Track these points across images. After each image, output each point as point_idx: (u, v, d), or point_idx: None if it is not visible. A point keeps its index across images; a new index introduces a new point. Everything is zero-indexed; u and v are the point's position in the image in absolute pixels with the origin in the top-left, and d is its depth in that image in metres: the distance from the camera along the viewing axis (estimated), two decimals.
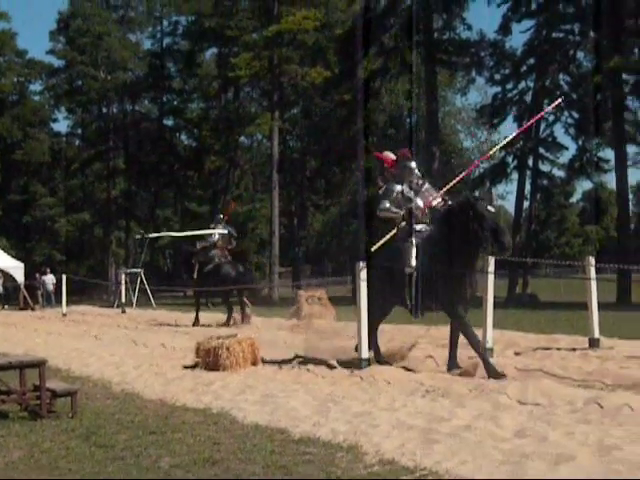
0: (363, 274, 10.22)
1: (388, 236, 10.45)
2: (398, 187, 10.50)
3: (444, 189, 10.70)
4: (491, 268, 10.69)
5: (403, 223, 10.28)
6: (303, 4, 44.46)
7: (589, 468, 5.16)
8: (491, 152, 18.32)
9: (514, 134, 18.03)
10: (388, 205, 10.41)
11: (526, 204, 42.31)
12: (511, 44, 77.49)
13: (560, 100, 26.02)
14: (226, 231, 21.30)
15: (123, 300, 30.21)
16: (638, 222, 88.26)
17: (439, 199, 10.44)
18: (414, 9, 36.97)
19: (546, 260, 62.10)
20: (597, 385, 8.48)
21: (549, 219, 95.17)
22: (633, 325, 16.56)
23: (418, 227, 10.19)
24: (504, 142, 17.43)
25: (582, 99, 39.34)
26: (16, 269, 36.09)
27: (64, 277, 30.73)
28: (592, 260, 11.43)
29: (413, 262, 9.80)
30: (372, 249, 10.46)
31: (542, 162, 42.11)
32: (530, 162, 40.71)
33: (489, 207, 9.20)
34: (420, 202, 10.41)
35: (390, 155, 11.08)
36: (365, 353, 10.14)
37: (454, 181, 10.99)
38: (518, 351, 11.41)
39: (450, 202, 10.20)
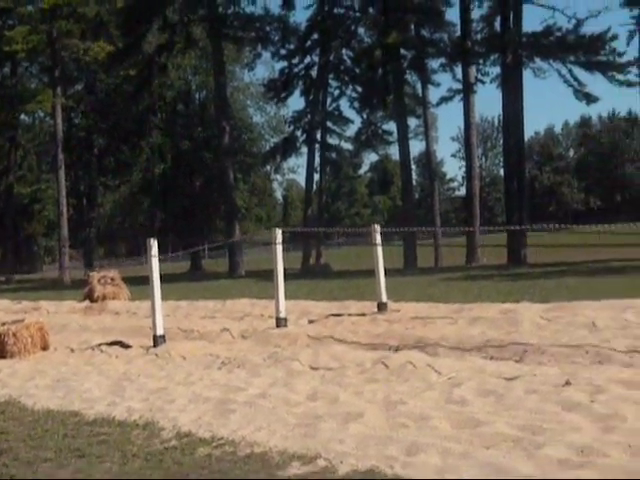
0: (154, 250, 10.13)
1: None
2: None
3: None
4: (278, 239, 10.92)
5: None
6: None
7: (376, 423, 5.44)
8: None
9: None
10: None
11: (317, 177, 43.33)
12: (295, 19, 78.76)
13: None
14: None
15: None
16: (422, 191, 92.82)
17: None
18: None
19: (335, 229, 64.23)
20: (384, 346, 8.87)
21: (339, 191, 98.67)
22: (418, 288, 17.48)
23: None
24: None
25: (365, 73, 40.71)
26: None
27: None
28: (377, 227, 11.90)
29: None
30: None
31: (330, 135, 43.35)
32: (318, 136, 41.66)
33: None
34: None
35: None
36: (160, 330, 10.06)
37: None
38: (312, 319, 11.69)
39: None
